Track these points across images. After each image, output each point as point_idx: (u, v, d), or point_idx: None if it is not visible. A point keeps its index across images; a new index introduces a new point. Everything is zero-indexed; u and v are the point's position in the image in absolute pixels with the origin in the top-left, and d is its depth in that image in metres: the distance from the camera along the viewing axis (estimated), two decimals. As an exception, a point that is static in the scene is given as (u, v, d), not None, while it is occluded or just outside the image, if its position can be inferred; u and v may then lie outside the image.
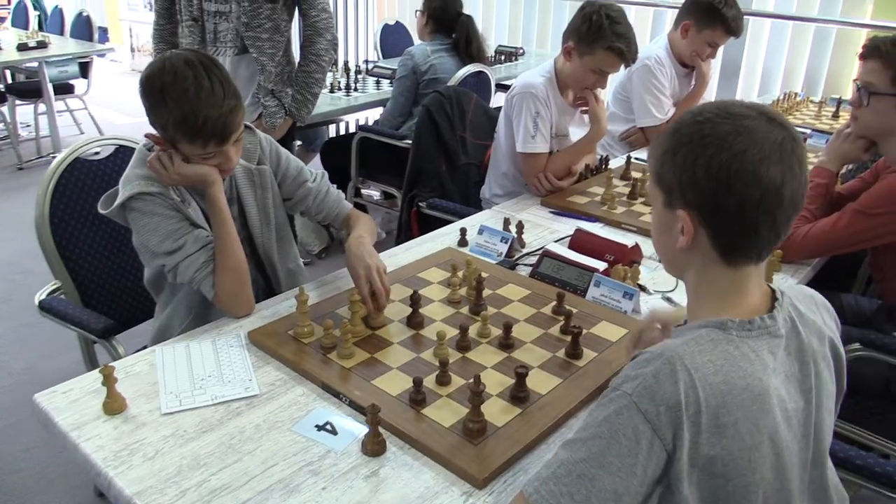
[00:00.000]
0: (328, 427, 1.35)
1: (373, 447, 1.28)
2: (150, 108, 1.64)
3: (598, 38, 2.44)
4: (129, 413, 1.38)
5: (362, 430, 1.33)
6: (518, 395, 1.40)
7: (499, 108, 2.90)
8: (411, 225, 3.05)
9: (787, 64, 4.87)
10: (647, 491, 0.97)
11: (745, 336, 1.04)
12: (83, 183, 2.10)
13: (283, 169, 1.95)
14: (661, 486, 0.99)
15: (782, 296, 1.11)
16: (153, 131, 1.68)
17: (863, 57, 2.04)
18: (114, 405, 1.38)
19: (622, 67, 2.53)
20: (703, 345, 1.01)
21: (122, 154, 2.20)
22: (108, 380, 1.37)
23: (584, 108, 2.68)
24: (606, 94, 3.22)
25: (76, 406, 1.40)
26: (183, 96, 1.58)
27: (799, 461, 1.07)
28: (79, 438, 1.31)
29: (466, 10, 4.09)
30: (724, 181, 1.00)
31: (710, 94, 3.66)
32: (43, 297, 2.03)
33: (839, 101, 4.01)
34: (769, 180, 0.99)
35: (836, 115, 3.90)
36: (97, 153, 2.16)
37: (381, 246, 2.78)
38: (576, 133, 2.74)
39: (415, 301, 1.67)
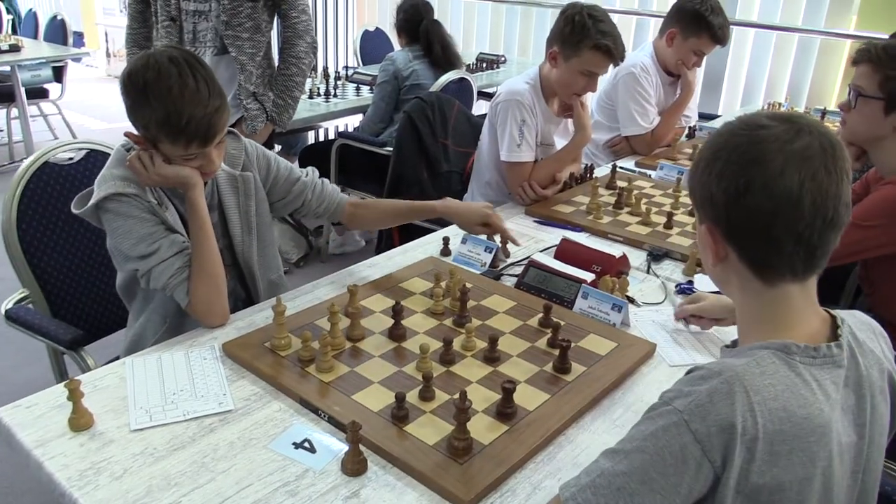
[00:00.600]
0: (306, 445, 1.30)
1: (353, 466, 1.24)
2: (132, 107, 1.59)
3: (583, 38, 2.42)
4: (96, 429, 1.32)
5: (342, 448, 1.29)
6: (505, 411, 1.36)
7: (482, 116, 2.87)
8: (392, 233, 3.01)
9: (770, 74, 4.88)
10: None
11: (808, 363, 0.99)
12: (52, 188, 2.04)
13: (274, 170, 1.92)
14: None
15: (843, 323, 1.05)
16: (133, 130, 1.63)
17: (854, 62, 2.03)
18: (80, 421, 1.32)
19: (610, 67, 2.50)
20: (765, 367, 0.97)
21: (94, 159, 2.14)
22: (74, 394, 1.31)
23: (571, 115, 2.65)
24: (591, 103, 3.20)
25: (41, 422, 1.34)
26: (167, 94, 1.54)
27: (847, 499, 1.03)
28: (43, 456, 1.25)
29: (446, 17, 4.08)
30: (734, 194, 0.98)
31: (694, 104, 3.65)
32: (9, 305, 1.97)
33: (823, 112, 4.02)
34: (783, 191, 0.95)
35: (819, 126, 3.90)
36: (71, 158, 2.10)
37: (361, 255, 2.74)
38: (560, 143, 2.72)
39: (397, 312, 1.63)
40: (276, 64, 3.03)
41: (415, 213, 2.05)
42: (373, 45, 5.48)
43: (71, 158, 2.10)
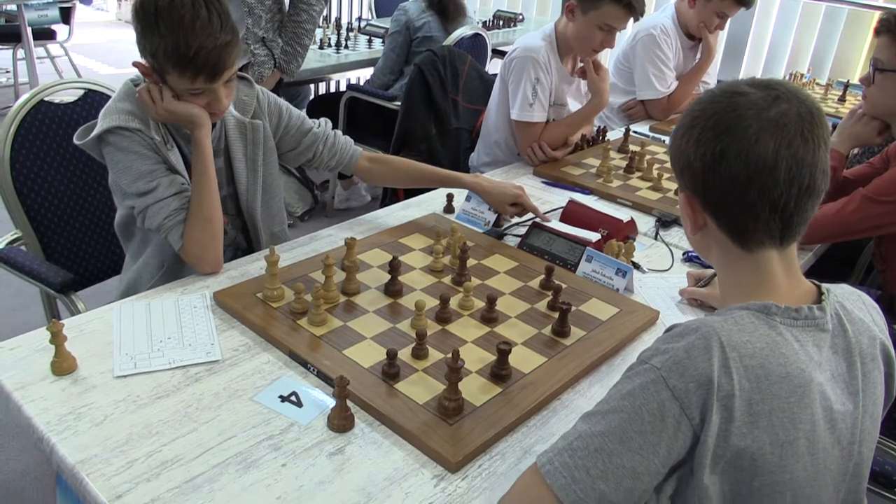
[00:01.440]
0: (293, 398, 1.28)
1: (339, 422, 1.22)
2: (141, 34, 1.56)
3: None
4: (78, 374, 1.30)
5: (329, 403, 1.27)
6: (499, 372, 1.34)
7: (495, 75, 2.81)
8: (396, 189, 2.97)
9: (794, 43, 4.78)
10: (667, 473, 0.93)
11: (789, 324, 0.98)
12: (48, 127, 2.00)
13: (286, 120, 1.88)
14: (684, 469, 0.93)
15: (828, 292, 1.05)
16: (142, 61, 1.60)
17: (876, 32, 1.97)
18: (62, 365, 1.30)
19: (630, 22, 2.44)
20: (744, 325, 0.96)
21: (92, 99, 2.10)
22: (56, 337, 1.29)
23: (585, 76, 2.59)
24: (608, 64, 3.13)
25: (22, 364, 1.32)
26: (177, 23, 1.51)
27: (838, 469, 1.01)
28: (22, 399, 1.23)
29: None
30: (710, 161, 0.98)
31: (714, 71, 3.56)
32: (1, 246, 1.94)
33: (846, 85, 3.93)
34: (758, 157, 0.95)
35: (842, 99, 3.82)
36: (70, 101, 2.06)
37: (366, 210, 2.72)
38: (573, 104, 2.66)
39: (394, 268, 1.60)
40: (286, 9, 2.96)
41: (439, 181, 2.02)
42: (388, -3, 5.39)
43: (70, 101, 2.06)
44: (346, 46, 4.14)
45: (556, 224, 1.93)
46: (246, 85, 1.83)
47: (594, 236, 1.86)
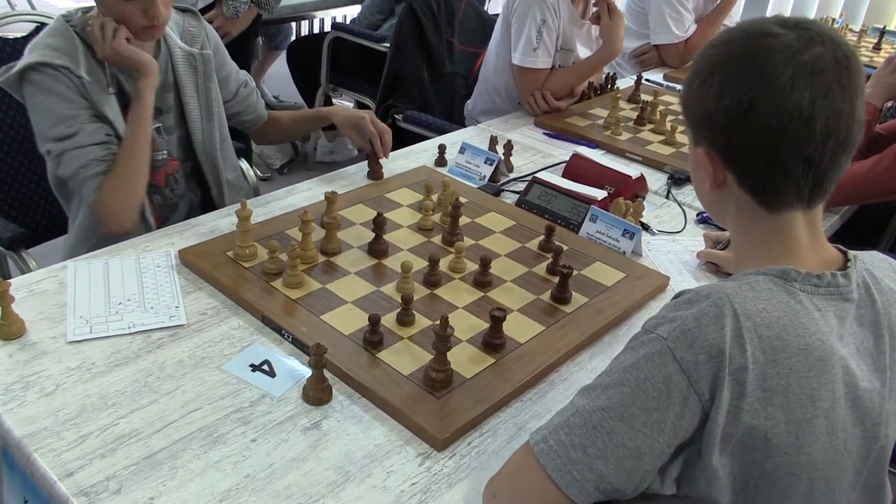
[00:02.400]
0: (265, 367, 1.27)
1: (315, 394, 1.21)
2: None
3: None
4: (27, 339, 1.28)
5: (305, 373, 1.25)
6: (492, 342, 1.33)
7: (496, 16, 2.76)
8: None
9: (825, -16, 4.72)
10: (673, 453, 0.92)
11: (809, 292, 0.96)
12: (-6, 65, 1.95)
13: (228, 65, 1.90)
14: (691, 449, 0.92)
15: (854, 259, 1.03)
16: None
17: None
18: (9, 329, 1.28)
19: None
20: (760, 291, 0.94)
21: (44, 34, 2.04)
22: (3, 298, 1.27)
23: (597, 21, 2.54)
24: (620, 5, 3.08)
25: (-34, 327, 1.30)
26: None
27: (860, 451, 0.99)
28: (-35, 365, 1.22)
29: None
30: (736, 113, 0.94)
31: (737, 14, 3.51)
32: (-56, 197, 1.91)
33: (882, 31, 3.89)
34: (793, 108, 0.91)
35: (877, 48, 3.78)
36: (22, 36, 2.01)
37: (350, 162, 2.69)
38: (582, 50, 2.62)
39: (378, 225, 1.58)
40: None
41: (312, 119, 2.07)
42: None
43: (19, 36, 2.01)
44: (331, -20, 4.06)
45: (558, 180, 1.90)
46: (192, 16, 1.83)
47: (600, 194, 1.84)
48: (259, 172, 3.72)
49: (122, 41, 1.59)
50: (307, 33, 5.04)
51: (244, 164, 2.17)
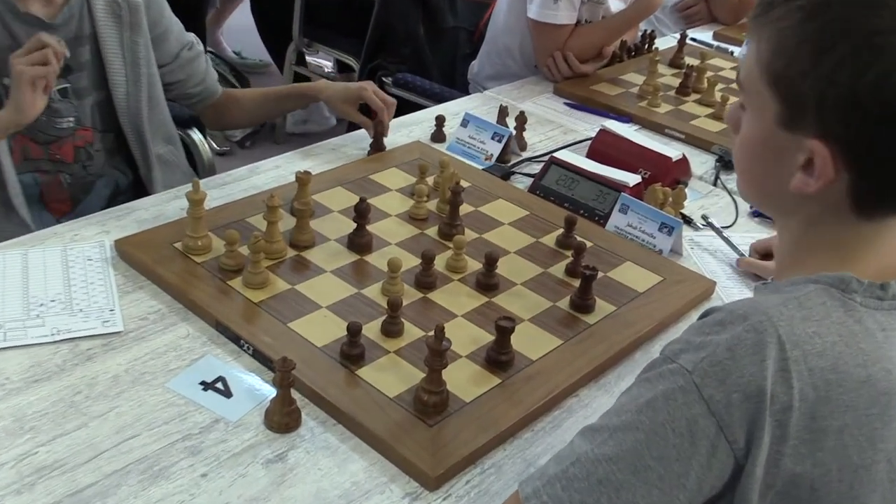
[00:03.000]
0: (219, 386, 1.28)
1: (281, 419, 1.21)
2: None
3: None
4: (-72, 346, 1.29)
5: (269, 393, 1.26)
6: (498, 358, 1.33)
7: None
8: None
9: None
10: None
11: (873, 306, 0.94)
12: None
13: (169, 20, 1.90)
14: None
15: None
16: None
17: None
18: None
19: None
20: (811, 308, 0.92)
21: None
22: None
23: None
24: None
25: None
26: None
27: None
28: None
29: None
30: (887, 101, 0.88)
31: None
32: None
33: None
34: None
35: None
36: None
37: (328, 134, 2.69)
38: (614, 4, 2.62)
39: (361, 213, 1.58)
40: None
41: (285, 99, 2.11)
42: None
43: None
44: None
45: (581, 161, 1.90)
46: None
47: (632, 179, 1.84)
48: (215, 145, 3.72)
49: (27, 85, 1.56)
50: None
51: (196, 134, 2.18)
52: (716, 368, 0.89)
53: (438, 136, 2.10)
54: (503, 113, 2.17)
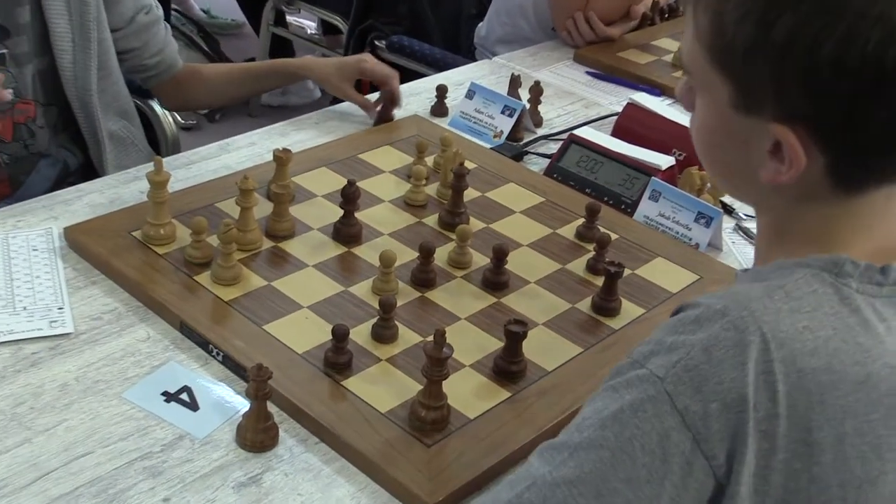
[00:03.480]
0: (184, 397, 1.28)
1: (255, 437, 1.21)
2: None
3: None
4: None
5: (241, 406, 1.27)
6: (508, 368, 1.34)
7: None
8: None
9: None
10: None
11: (871, 293, 0.94)
12: None
13: None
14: None
15: None
16: None
17: None
18: None
19: None
20: (800, 299, 0.92)
21: None
22: None
23: None
24: None
25: None
26: None
27: None
28: None
29: None
30: (876, 76, 0.87)
31: None
32: None
33: None
34: None
35: None
36: None
37: (310, 107, 2.69)
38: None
39: (349, 198, 1.59)
40: None
41: (263, 77, 2.13)
42: None
43: None
44: None
45: (605, 139, 1.91)
46: None
47: (665, 161, 1.85)
48: (180, 118, 3.72)
49: None
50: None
51: (157, 105, 2.18)
52: (691, 374, 0.88)
53: (439, 109, 2.11)
54: (515, 83, 2.17)
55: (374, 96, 2.07)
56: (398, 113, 2.06)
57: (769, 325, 0.89)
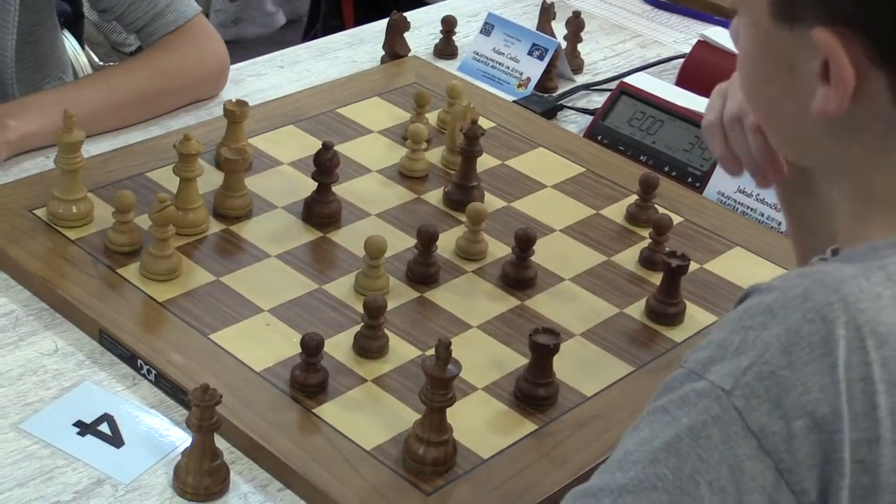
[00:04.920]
0: (104, 429, 1.29)
1: (199, 481, 1.22)
2: None
3: None
4: None
5: (180, 440, 1.28)
6: (534, 392, 1.35)
7: None
8: (340, 2, 2.97)
9: None
10: None
11: None
12: None
13: None
14: None
15: None
16: None
17: None
18: None
19: None
20: None
21: None
22: None
23: None
24: None
25: None
26: None
27: None
28: None
29: None
30: None
31: None
32: None
33: None
34: None
35: None
36: None
37: (272, 40, 2.69)
38: None
39: (324, 167, 1.59)
40: None
41: None
42: None
43: None
44: None
45: (666, 90, 1.93)
46: None
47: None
48: (96, 58, 3.71)
49: None
50: None
51: (71, 41, 2.19)
52: (766, 383, 0.88)
53: (446, 48, 2.12)
54: (547, 14, 2.17)
55: (375, 25, 2.08)
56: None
57: (867, 314, 0.88)
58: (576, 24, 2.13)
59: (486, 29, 2.10)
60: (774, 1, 0.97)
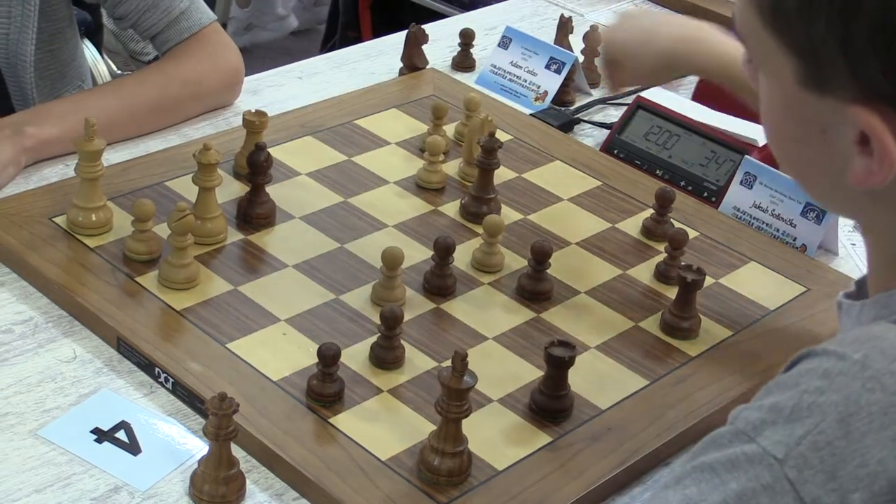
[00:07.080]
0: (121, 436, 1.29)
1: (216, 489, 1.22)
2: None
3: None
4: None
5: (197, 449, 1.28)
6: (550, 404, 1.35)
7: None
8: (358, 14, 2.97)
9: None
10: None
11: None
12: None
13: None
14: None
15: None
16: None
17: None
18: None
19: None
20: None
21: None
22: None
23: None
24: None
25: None
26: None
27: None
28: None
29: None
30: None
31: None
32: None
33: None
34: None
35: None
36: None
37: (286, 55, 2.69)
38: None
39: (258, 166, 1.58)
40: None
41: None
42: None
43: None
44: None
45: (682, 104, 1.92)
46: None
47: (762, 134, 1.84)
48: (115, 67, 3.72)
49: None
50: None
51: (91, 50, 2.19)
52: (822, 454, 0.86)
53: (464, 61, 2.12)
54: (564, 28, 2.18)
55: (393, 37, 2.08)
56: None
57: None
58: (593, 38, 2.13)
59: (504, 42, 2.10)
60: (801, 71, 0.94)
